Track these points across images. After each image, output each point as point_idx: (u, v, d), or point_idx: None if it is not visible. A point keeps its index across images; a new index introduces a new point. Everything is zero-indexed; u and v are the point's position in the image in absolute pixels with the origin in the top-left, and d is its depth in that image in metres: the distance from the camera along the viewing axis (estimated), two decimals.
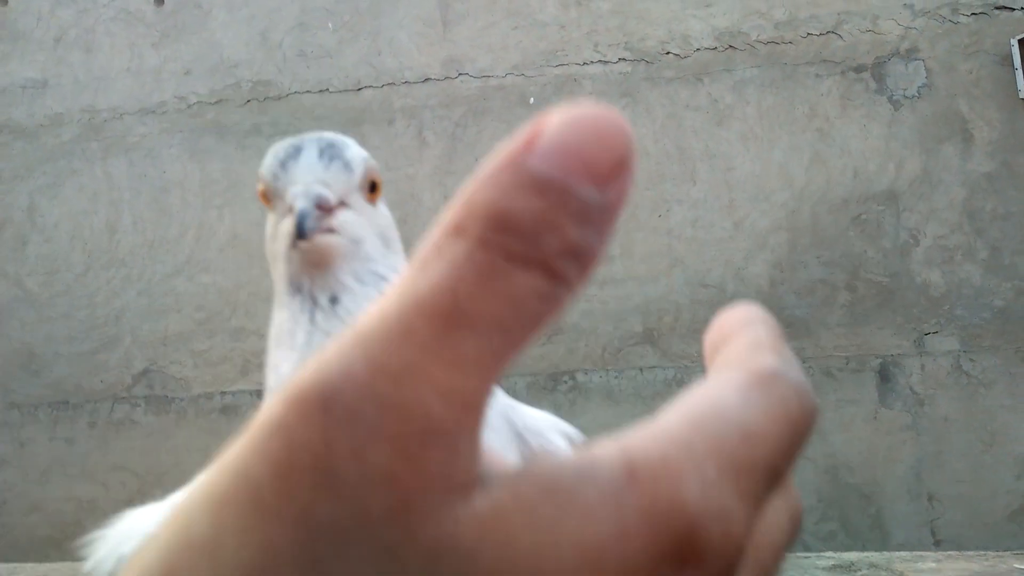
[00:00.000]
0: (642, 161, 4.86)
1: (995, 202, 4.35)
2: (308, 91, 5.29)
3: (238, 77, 5.33)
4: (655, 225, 4.87)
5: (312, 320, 0.30)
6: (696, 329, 4.47)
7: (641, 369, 4.45)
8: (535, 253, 0.13)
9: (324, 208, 0.29)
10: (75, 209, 5.29)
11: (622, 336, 4.53)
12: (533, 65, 5.07)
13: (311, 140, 0.29)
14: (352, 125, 5.07)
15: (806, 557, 2.08)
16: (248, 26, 5.36)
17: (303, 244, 0.27)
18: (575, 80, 4.99)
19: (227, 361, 5.21)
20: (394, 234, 0.31)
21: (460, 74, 5.25)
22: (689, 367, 4.47)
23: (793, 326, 4.32)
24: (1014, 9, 4.37)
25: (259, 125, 5.21)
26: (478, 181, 0.14)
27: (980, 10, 4.40)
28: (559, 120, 0.14)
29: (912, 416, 4.32)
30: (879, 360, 4.43)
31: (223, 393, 5.21)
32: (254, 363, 5.16)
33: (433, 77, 5.27)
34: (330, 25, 5.27)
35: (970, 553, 2.64)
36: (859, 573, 1.40)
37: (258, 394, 5.27)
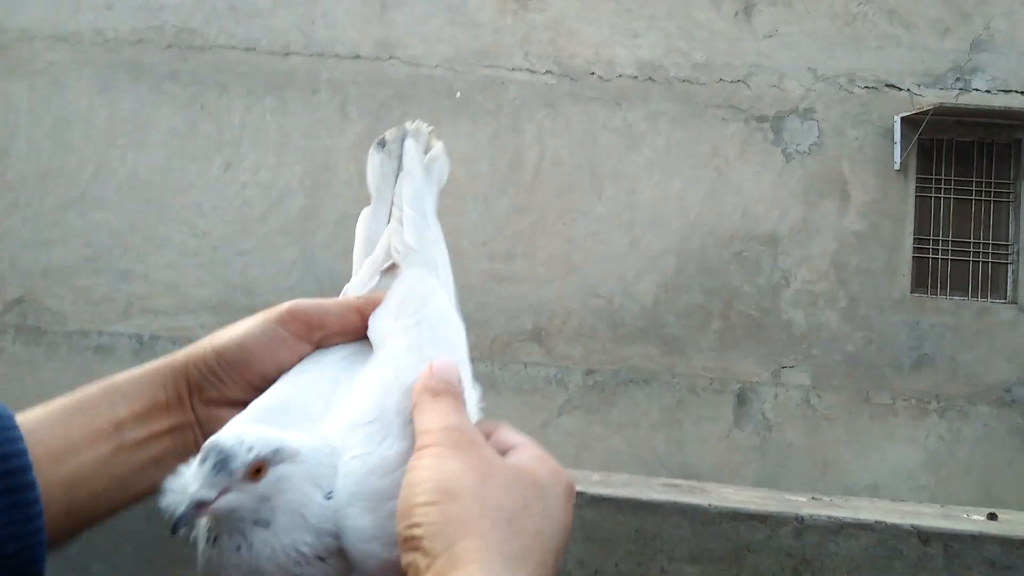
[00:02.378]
0: (555, 170, 5.07)
1: (860, 258, 4.80)
2: (234, 47, 5.20)
3: (162, 20, 5.18)
4: (559, 231, 5.08)
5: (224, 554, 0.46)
6: (582, 334, 4.71)
7: (525, 364, 4.65)
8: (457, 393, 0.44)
9: (202, 506, 0.44)
10: None
11: (512, 331, 4.72)
12: (464, 61, 5.19)
13: (212, 450, 0.43)
14: (275, 89, 5.03)
15: None
16: None
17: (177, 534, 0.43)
18: (502, 83, 5.15)
19: (109, 301, 5.05)
20: (276, 494, 0.45)
21: (391, 57, 5.30)
22: (570, 368, 4.71)
23: (669, 344, 4.63)
24: (902, 89, 4.83)
25: (177, 72, 5.09)
26: (426, 380, 0.45)
27: (873, 85, 4.84)
28: (438, 362, 0.45)
29: (760, 439, 4.70)
30: (739, 385, 4.79)
31: (100, 332, 5.05)
32: (137, 307, 5.02)
33: (364, 55, 5.30)
34: None
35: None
36: None
37: (138, 338, 5.15)
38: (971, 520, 1.13)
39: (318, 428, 0.47)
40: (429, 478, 0.36)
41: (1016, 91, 4.71)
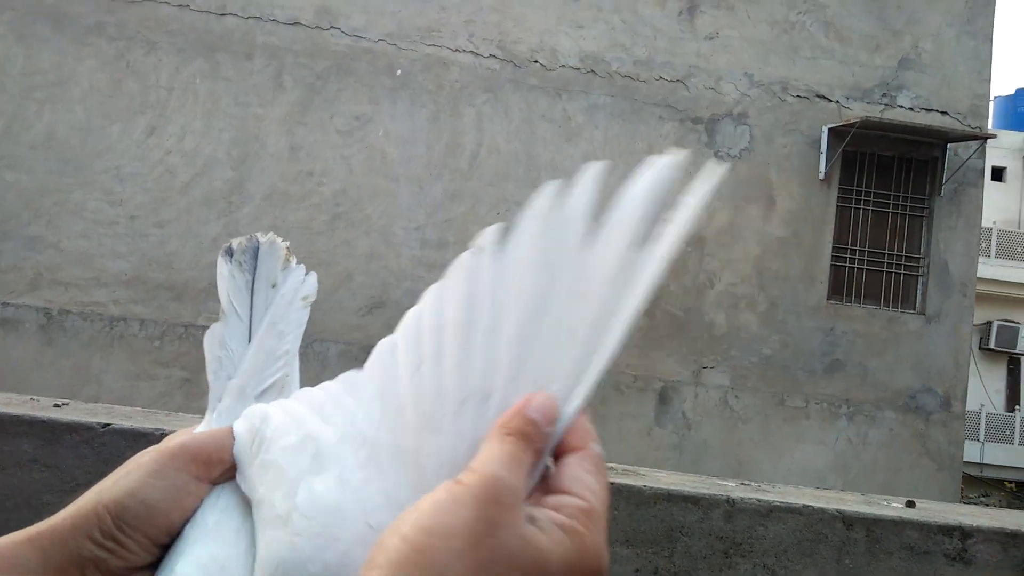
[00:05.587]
0: (492, 158, 5.04)
1: (780, 264, 4.96)
2: (166, 1, 4.96)
3: None
4: (492, 221, 5.04)
5: None
6: None
7: None
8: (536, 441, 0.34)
9: None
10: None
11: None
12: (407, 38, 5.10)
13: None
14: (207, 50, 4.82)
15: None
16: None
17: None
18: (444, 63, 5.07)
19: (16, 270, 4.74)
20: None
21: (332, 26, 5.16)
22: None
23: None
24: (831, 100, 5.00)
25: (103, 24, 4.82)
26: (511, 415, 0.35)
27: (804, 94, 5.00)
28: (539, 398, 0.35)
29: (679, 437, 4.81)
30: (661, 383, 4.89)
31: (5, 304, 4.74)
32: (46, 278, 4.74)
33: (303, 22, 5.14)
34: None
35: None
36: None
37: (46, 312, 4.86)
38: (891, 507, 1.16)
39: None
40: (421, 516, 0.31)
41: (937, 110, 4.94)
